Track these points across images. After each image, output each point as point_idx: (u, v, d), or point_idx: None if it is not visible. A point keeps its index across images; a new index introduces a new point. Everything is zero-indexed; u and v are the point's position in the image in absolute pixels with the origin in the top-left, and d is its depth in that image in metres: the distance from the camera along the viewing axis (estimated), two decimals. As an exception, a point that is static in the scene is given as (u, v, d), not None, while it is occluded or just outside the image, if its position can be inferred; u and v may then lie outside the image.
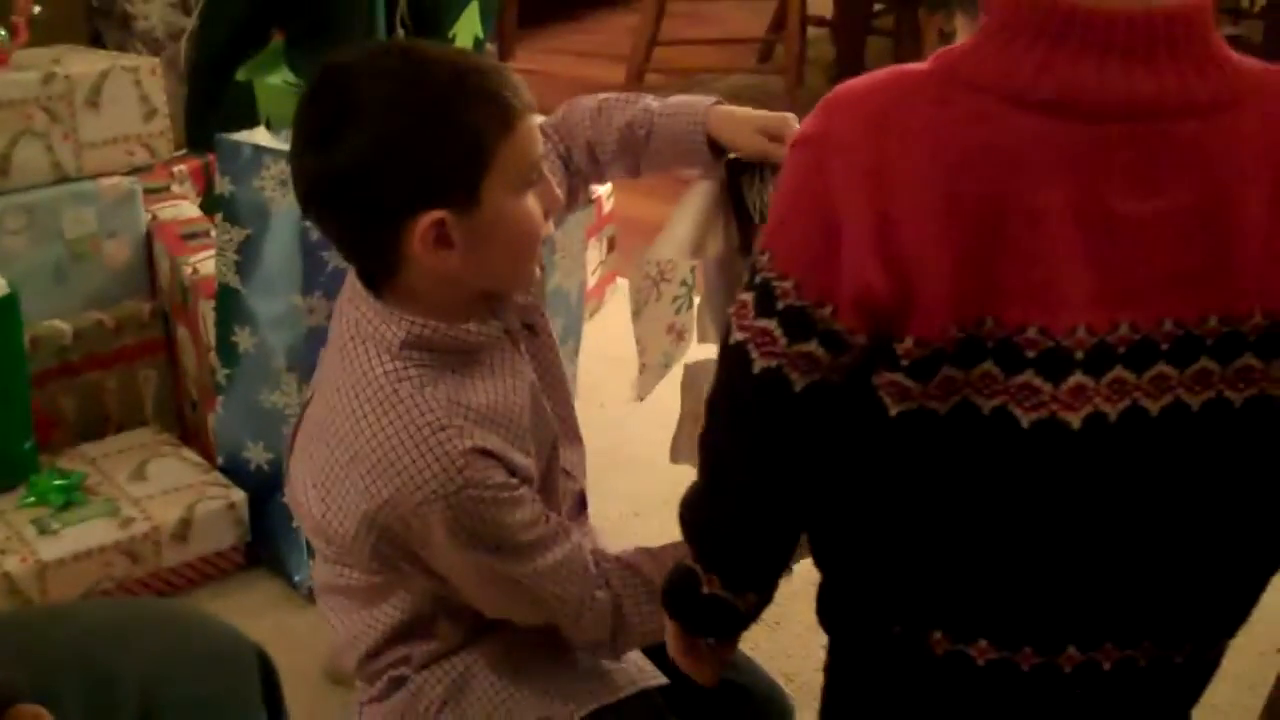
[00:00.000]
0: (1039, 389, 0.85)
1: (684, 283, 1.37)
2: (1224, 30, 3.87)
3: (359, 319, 1.09)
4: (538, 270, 1.14)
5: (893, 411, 0.88)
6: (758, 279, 0.90)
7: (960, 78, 0.86)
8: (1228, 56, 0.87)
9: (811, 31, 4.26)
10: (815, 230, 0.86)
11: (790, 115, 1.23)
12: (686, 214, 1.26)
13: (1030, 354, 0.85)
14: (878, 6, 4.31)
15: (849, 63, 3.97)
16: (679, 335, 1.41)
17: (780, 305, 0.88)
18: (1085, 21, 0.83)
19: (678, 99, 1.29)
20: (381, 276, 1.08)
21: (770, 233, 0.90)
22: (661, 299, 1.36)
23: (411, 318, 1.06)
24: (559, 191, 1.12)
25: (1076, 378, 0.85)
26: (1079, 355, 0.85)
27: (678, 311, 1.38)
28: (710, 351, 1.29)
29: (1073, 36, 0.83)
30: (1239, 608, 0.97)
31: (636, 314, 1.36)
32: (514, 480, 1.06)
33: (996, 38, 0.85)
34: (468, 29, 2.25)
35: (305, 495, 1.11)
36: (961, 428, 0.87)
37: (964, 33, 0.94)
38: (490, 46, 2.43)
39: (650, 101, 1.29)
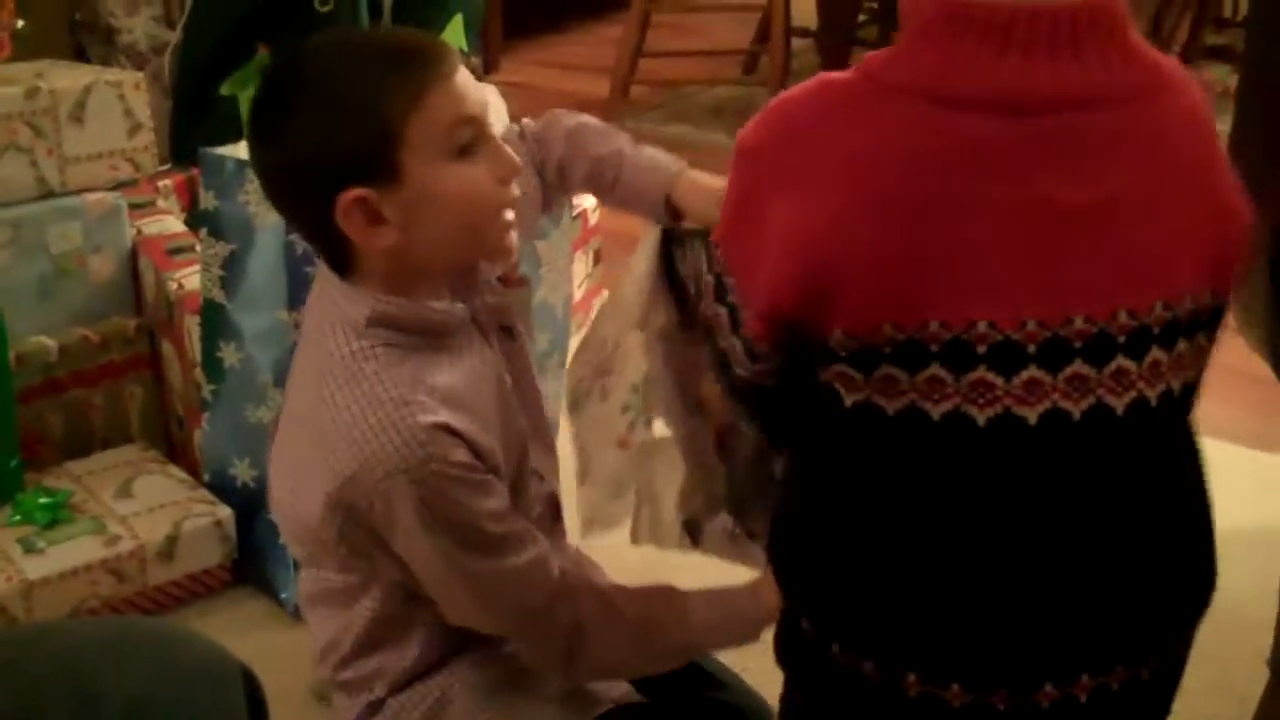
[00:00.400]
0: (992, 384, 0.85)
1: (634, 388, 1.28)
2: (1207, 40, 3.92)
3: (326, 302, 1.09)
4: (511, 238, 1.11)
5: (847, 402, 0.88)
6: (717, 268, 0.94)
7: (886, 83, 0.86)
8: (1146, 49, 0.89)
9: (796, 43, 4.26)
10: (749, 237, 0.89)
11: None
12: (629, 283, 1.24)
13: (981, 349, 0.85)
14: (861, 18, 4.33)
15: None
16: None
17: (729, 298, 0.92)
18: (1008, 19, 0.83)
19: (650, 154, 1.29)
20: (339, 260, 1.09)
21: (721, 229, 0.94)
22: (608, 400, 1.29)
23: (376, 295, 1.06)
24: (515, 155, 1.09)
25: (1030, 372, 0.85)
26: (1031, 349, 0.85)
27: (630, 426, 1.29)
28: (661, 430, 1.26)
29: (995, 34, 0.83)
30: (1194, 608, 0.96)
31: (574, 407, 1.29)
32: (480, 464, 1.05)
33: (921, 41, 0.86)
34: (452, 41, 2.25)
35: (280, 491, 1.11)
36: (913, 430, 0.87)
37: None
38: (474, 59, 2.43)
39: (624, 145, 1.30)
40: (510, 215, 1.10)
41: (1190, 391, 0.91)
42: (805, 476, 0.98)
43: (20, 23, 2.12)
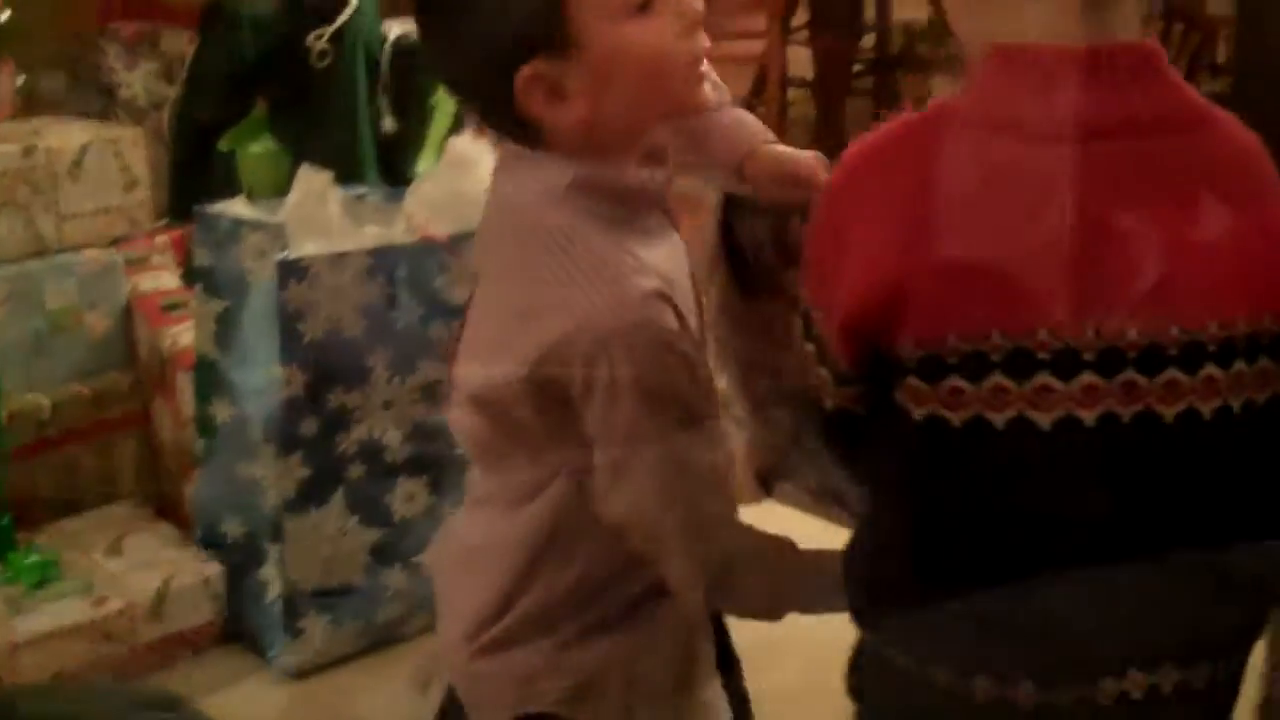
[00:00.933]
0: (1053, 388, 0.89)
1: None
2: (1203, 86, 3.93)
3: (518, 180, 1.06)
4: (705, 92, 1.06)
5: (916, 416, 0.92)
6: (802, 307, 0.99)
7: (951, 117, 0.93)
8: (1189, 90, 0.95)
9: (792, 93, 4.30)
10: (830, 266, 0.95)
11: (811, 156, 1.21)
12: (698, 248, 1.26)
13: (1043, 355, 0.89)
14: (857, 68, 4.36)
15: (829, 124, 4.01)
16: None
17: (814, 332, 0.97)
18: (1055, 57, 0.91)
19: (737, 116, 1.24)
20: (530, 143, 1.05)
21: (803, 268, 0.99)
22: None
23: (576, 161, 1.02)
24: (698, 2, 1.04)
25: (1087, 377, 0.89)
26: (1088, 356, 0.89)
27: None
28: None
29: (1044, 70, 0.91)
30: (1246, 621, 0.98)
31: None
32: (689, 335, 1.02)
33: (983, 81, 0.94)
34: (446, 101, 2.27)
35: (469, 382, 1.07)
36: (978, 438, 0.91)
37: (940, 93, 1.02)
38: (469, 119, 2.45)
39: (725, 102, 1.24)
40: (702, 67, 1.05)
41: (1258, 413, 0.94)
42: (876, 500, 1.02)
43: (21, 78, 2.14)
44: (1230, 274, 0.91)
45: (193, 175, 2.49)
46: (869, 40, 4.41)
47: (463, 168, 1.97)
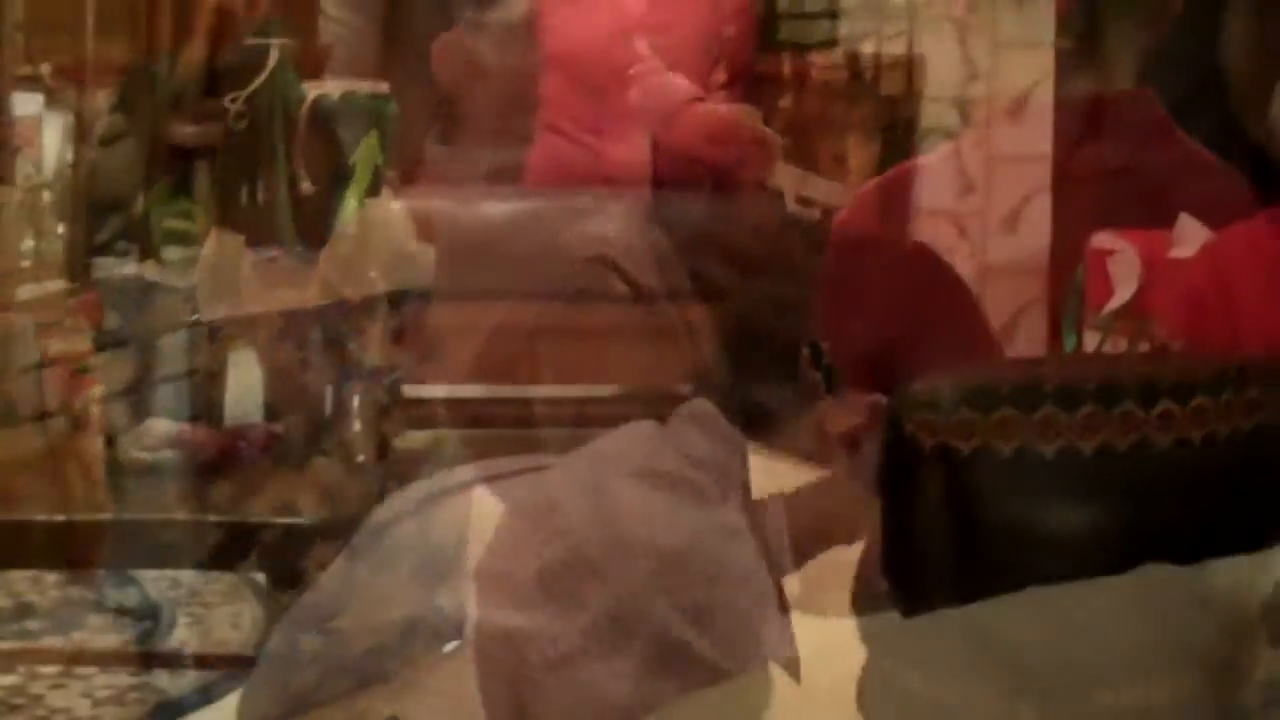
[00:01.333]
0: (1097, 417, 0.93)
1: None
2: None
3: (450, 189, 1.05)
4: (634, 96, 1.08)
5: (927, 445, 0.94)
6: (810, 338, 1.02)
7: (963, 159, 1.03)
8: (1175, 128, 1.04)
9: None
10: (842, 302, 1.01)
11: (740, 110, 1.19)
12: None
13: (1047, 388, 0.93)
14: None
15: (748, 182, 4.06)
16: None
17: (824, 361, 1.01)
18: (1056, 105, 1.00)
19: (663, 79, 1.23)
20: (449, 128, 1.01)
21: (819, 302, 1.04)
22: None
23: (490, 150, 1.05)
24: None
25: (1124, 406, 0.92)
26: (1090, 387, 0.93)
27: None
28: None
29: (1037, 116, 1.00)
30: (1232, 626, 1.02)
31: None
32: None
33: (999, 125, 1.04)
34: (368, 157, 2.29)
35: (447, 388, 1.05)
36: (1026, 470, 0.93)
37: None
38: (391, 173, 2.47)
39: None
40: (633, 71, 1.06)
41: (1245, 439, 0.97)
42: (885, 523, 1.03)
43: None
44: (1227, 306, 0.97)
45: (106, 237, 2.48)
46: (787, 101, 4.50)
47: (378, 229, 1.99)
